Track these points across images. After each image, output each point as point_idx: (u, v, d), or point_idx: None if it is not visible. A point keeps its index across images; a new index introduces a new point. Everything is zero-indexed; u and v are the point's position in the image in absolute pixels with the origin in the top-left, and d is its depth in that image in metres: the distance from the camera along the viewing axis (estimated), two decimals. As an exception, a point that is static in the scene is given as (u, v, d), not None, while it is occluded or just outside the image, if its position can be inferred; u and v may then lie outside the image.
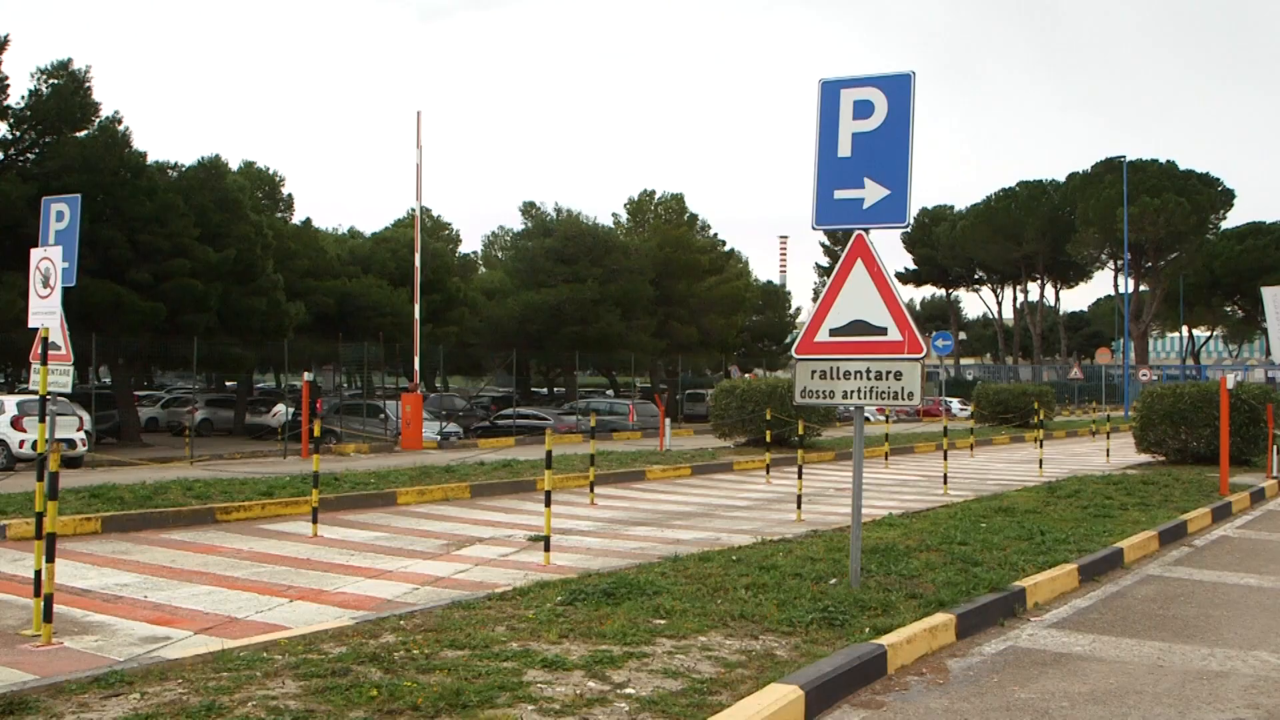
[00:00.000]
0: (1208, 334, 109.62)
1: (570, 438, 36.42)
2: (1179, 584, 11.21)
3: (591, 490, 18.42)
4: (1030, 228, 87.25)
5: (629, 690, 6.39)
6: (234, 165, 38.56)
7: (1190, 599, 10.42)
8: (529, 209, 53.55)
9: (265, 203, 41.11)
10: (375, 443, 33.27)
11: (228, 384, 52.59)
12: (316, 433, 15.29)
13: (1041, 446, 26.82)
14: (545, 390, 62.04)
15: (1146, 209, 73.06)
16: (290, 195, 43.45)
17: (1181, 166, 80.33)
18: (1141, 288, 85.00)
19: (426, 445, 32.90)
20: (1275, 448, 22.63)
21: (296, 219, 43.79)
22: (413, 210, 38.82)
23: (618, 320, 48.23)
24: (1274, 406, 23.89)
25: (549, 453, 12.42)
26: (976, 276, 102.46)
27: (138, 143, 41.08)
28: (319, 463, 14.73)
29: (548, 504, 12.23)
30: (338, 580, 10.96)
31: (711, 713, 5.99)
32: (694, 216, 59.24)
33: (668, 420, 32.92)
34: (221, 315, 33.48)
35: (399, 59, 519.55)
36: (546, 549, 12.07)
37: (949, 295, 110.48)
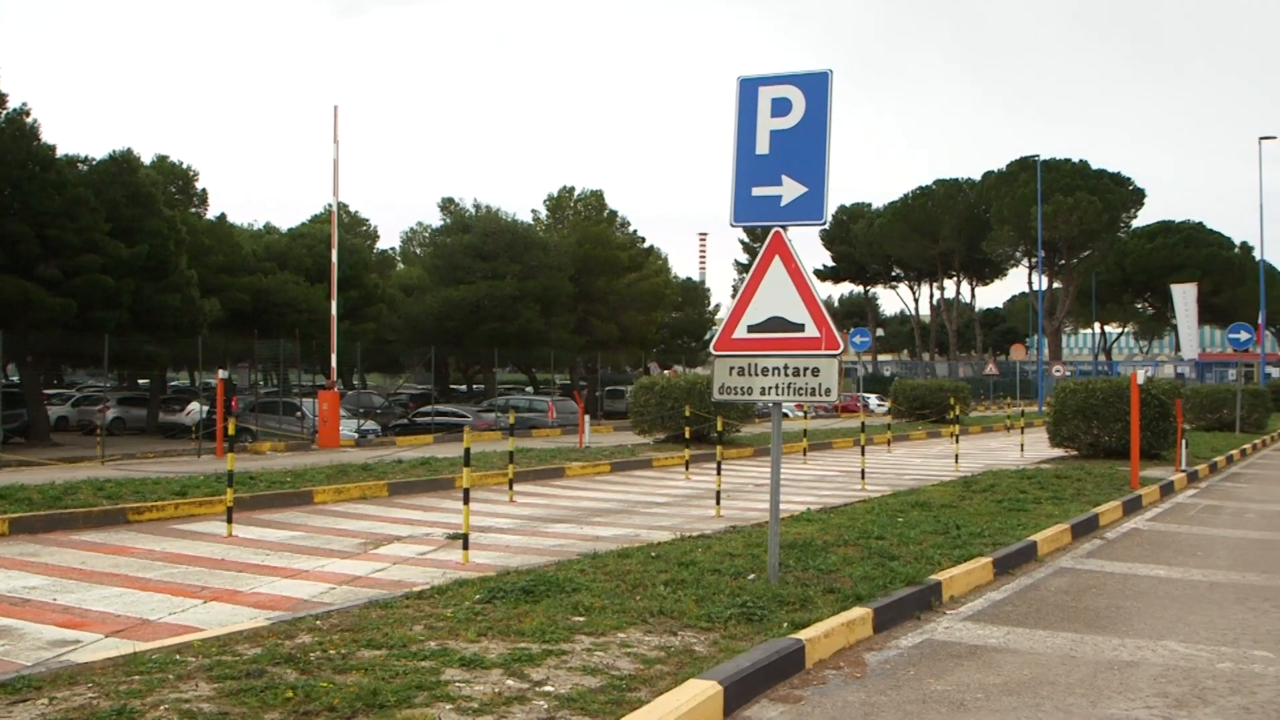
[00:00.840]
0: (1119, 330, 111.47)
1: (489, 435, 36.30)
2: (1091, 576, 11.39)
3: (511, 488, 18.36)
4: (947, 225, 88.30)
5: (548, 688, 6.37)
6: (147, 159, 37.85)
7: (1102, 591, 10.58)
8: (448, 205, 53.23)
9: (179, 198, 40.43)
10: (292, 441, 32.91)
11: (140, 382, 51.74)
12: (231, 431, 15.09)
13: (957, 442, 27.12)
14: (464, 387, 61.69)
15: (1060, 207, 74.26)
16: (204, 190, 42.66)
17: (1094, 166, 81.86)
18: (1055, 285, 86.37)
19: (344, 443, 32.62)
20: (1184, 442, 23.06)
21: (211, 214, 43.11)
22: (330, 206, 38.51)
23: (537, 317, 48.11)
24: (1183, 402, 24.34)
25: (467, 450, 12.36)
26: (894, 274, 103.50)
27: (47, 135, 40.42)
28: (234, 461, 14.54)
29: (466, 502, 12.17)
30: (253, 580, 10.83)
31: (630, 709, 5.98)
32: (614, 213, 59.26)
33: (587, 417, 32.89)
34: (134, 312, 32.88)
35: (315, 54, 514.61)
36: (465, 547, 12.00)
37: (867, 292, 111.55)
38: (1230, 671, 7.61)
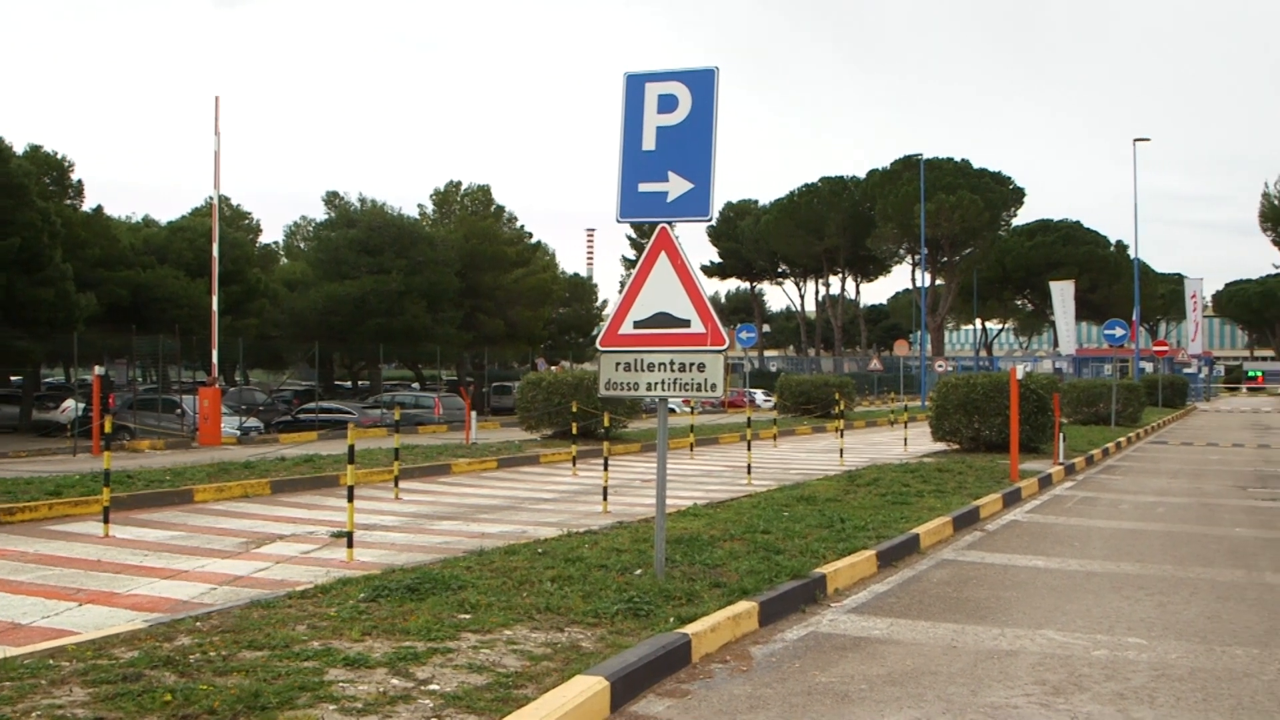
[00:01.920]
0: (1000, 326, 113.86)
1: (375, 432, 35.97)
2: (972, 567, 11.59)
3: (396, 485, 18.19)
4: (832, 222, 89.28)
5: (433, 686, 6.32)
6: (19, 149, 36.80)
7: (982, 582, 10.78)
8: (332, 199, 52.57)
9: (53, 189, 39.29)
10: (172, 439, 32.25)
11: (13, 379, 50.37)
12: (108, 429, 14.76)
13: (842, 436, 27.41)
14: (349, 384, 60.93)
15: (943, 206, 75.56)
16: (80, 182, 41.46)
17: (975, 165, 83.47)
18: (938, 281, 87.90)
19: (226, 441, 32.08)
20: (1062, 436, 23.56)
21: (87, 206, 42.00)
22: (211, 199, 37.65)
23: (423, 312, 47.71)
24: (1060, 396, 24.88)
25: (351, 447, 12.21)
26: (780, 270, 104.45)
27: (-87, 125, 39.04)
28: (111, 460, 14.24)
29: (351, 499, 12.03)
30: (131, 582, 10.59)
31: (517, 706, 5.95)
32: (501, 208, 59.00)
33: (474, 413, 32.67)
34: (5, 306, 31.97)
35: (196, 44, 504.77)
36: (350, 545, 11.87)
37: (753, 288, 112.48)
38: (1105, 659, 7.79)
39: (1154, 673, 7.44)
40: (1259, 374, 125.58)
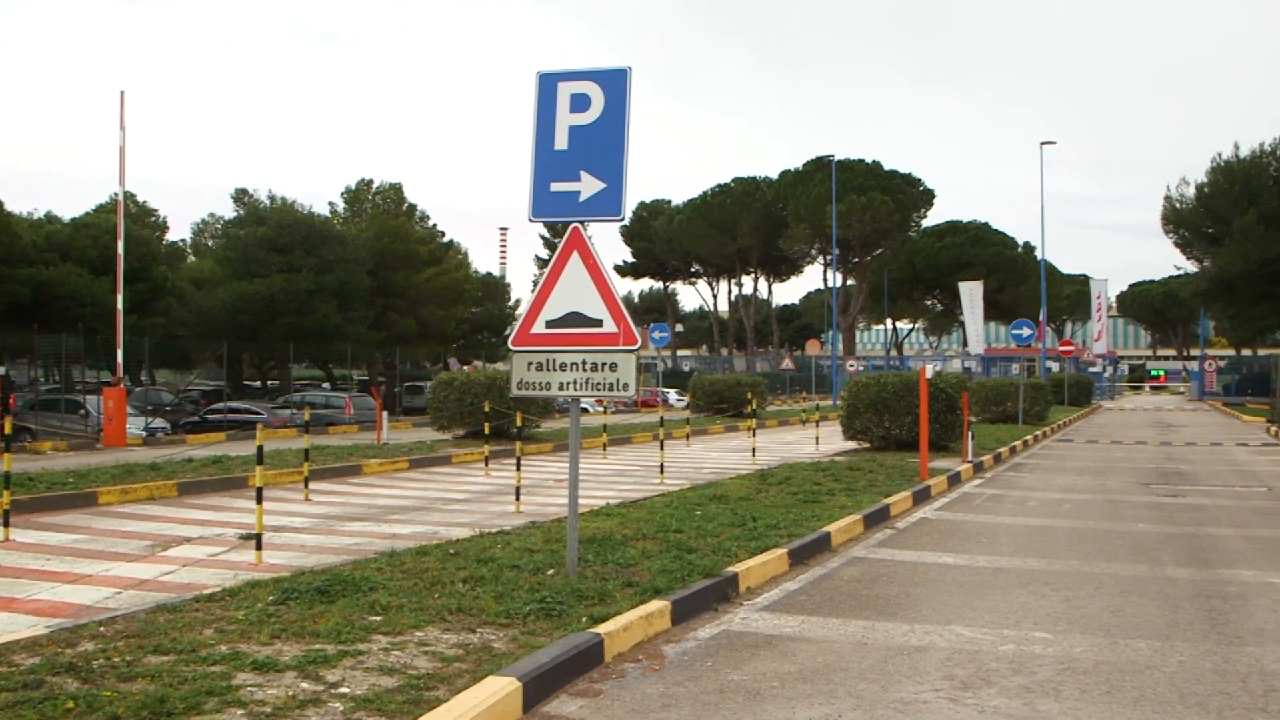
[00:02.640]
0: (910, 326, 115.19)
1: (285, 432, 35.57)
2: (882, 565, 11.70)
3: (306, 486, 18.01)
4: (745, 223, 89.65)
5: (343, 689, 6.26)
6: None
7: (892, 579, 10.88)
8: (241, 196, 51.90)
9: (-49, 186, 38.54)
10: (75, 440, 31.65)
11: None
12: (8, 430, 14.44)
13: (754, 435, 27.56)
14: (259, 384, 60.16)
15: (854, 206, 76.23)
16: (-22, 177, 40.78)
17: (886, 167, 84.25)
18: (850, 282, 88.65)
19: (131, 442, 31.54)
20: (971, 434, 23.87)
21: (-13, 203, 41.15)
22: (116, 195, 36.99)
23: (334, 311, 47.26)
24: (969, 395, 25.20)
25: (260, 448, 12.06)
26: (693, 270, 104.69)
27: None
28: (11, 462, 13.93)
29: (259, 501, 11.88)
30: (31, 587, 10.37)
31: (428, 708, 5.92)
32: (413, 206, 58.65)
33: (385, 413, 32.45)
34: (-99, 306, 31.25)
35: (99, 37, 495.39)
36: (258, 547, 11.71)
37: (666, 288, 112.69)
38: (1012, 653, 7.91)
39: (1059, 666, 7.56)
40: (1161, 373, 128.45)
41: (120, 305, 33.61)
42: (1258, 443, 34.38)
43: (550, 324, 9.56)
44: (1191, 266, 70.01)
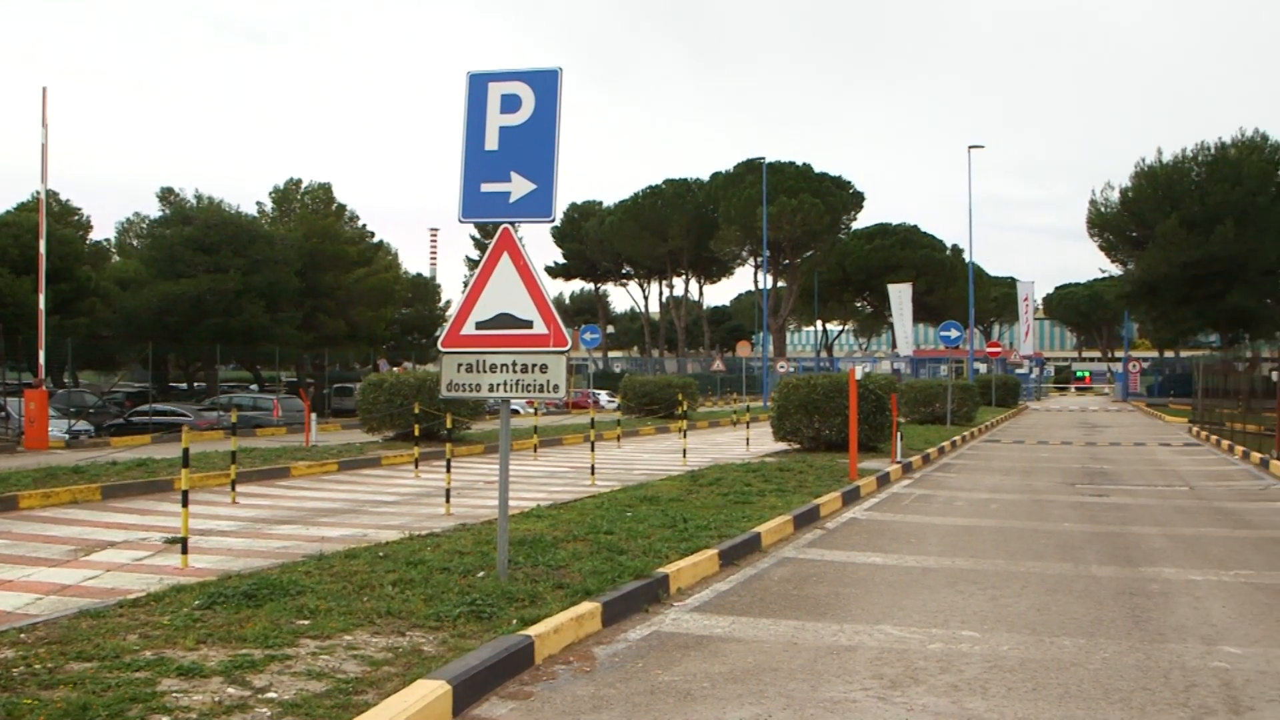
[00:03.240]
0: (840, 328, 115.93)
1: (211, 434, 35.18)
2: (812, 565, 11.77)
3: (233, 489, 17.80)
4: (676, 224, 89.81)
5: (271, 694, 6.21)
6: None
7: (822, 579, 10.95)
8: (167, 195, 51.20)
9: None
10: (-4, 443, 31.12)
11: None
12: (-73, 433, 14.19)
13: (685, 437, 27.63)
14: (185, 385, 59.39)
15: (785, 209, 76.64)
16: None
17: (817, 169, 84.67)
18: (780, 284, 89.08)
19: (54, 445, 31.03)
20: (900, 435, 24.07)
21: (-96, 202, 40.43)
22: (38, 193, 36.37)
23: (262, 312, 46.79)
24: (898, 396, 25.41)
25: (186, 450, 11.90)
26: (624, 271, 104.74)
27: None
28: (-70, 465, 13.68)
29: (185, 504, 11.73)
30: (-49, 592, 10.19)
31: (357, 713, 5.88)
32: (342, 206, 58.13)
33: (314, 415, 32.14)
34: None
35: (21, 32, 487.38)
36: (184, 551, 11.56)
37: (598, 289, 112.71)
38: (940, 652, 7.98)
39: (987, 664, 7.65)
40: (1086, 374, 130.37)
41: (43, 305, 33.03)
42: (1180, 443, 34.96)
43: (480, 325, 9.53)
44: (1116, 269, 71.00)
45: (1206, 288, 59.49)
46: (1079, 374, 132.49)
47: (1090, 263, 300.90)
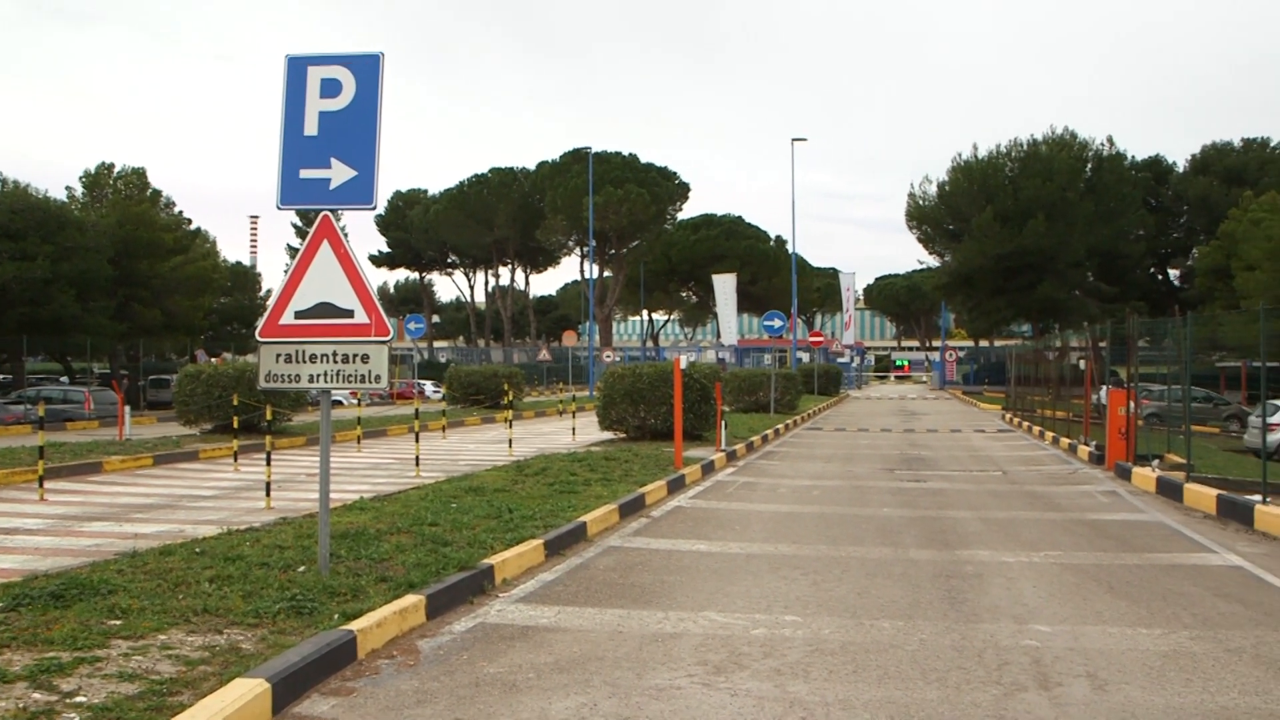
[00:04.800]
0: (666, 318, 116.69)
1: (18, 429, 33.98)
2: (637, 553, 11.83)
3: (41, 485, 17.15)
4: (502, 213, 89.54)
5: (80, 699, 5.99)
6: None
7: (647, 567, 11.01)
8: (-32, 180, 49.17)
9: None
10: None
11: None
12: None
13: (511, 427, 27.52)
14: (-10, 377, 57.24)
15: (611, 199, 76.86)
16: None
17: (643, 160, 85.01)
18: (606, 273, 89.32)
19: None
20: (724, 423, 24.34)
21: None
22: None
23: (73, 302, 45.18)
24: (722, 385, 25.69)
25: (-10, 446, 11.44)
26: (450, 260, 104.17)
27: None
28: None
29: (-11, 501, 11.28)
30: None
31: (172, 714, 5.72)
32: (158, 192, 56.39)
33: (128, 408, 31.21)
34: None
35: None
36: (-12, 550, 11.12)
37: (423, 278, 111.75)
38: (764, 637, 8.09)
39: (809, 648, 7.77)
40: (905, 363, 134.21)
41: None
42: (994, 429, 36.12)
43: (300, 314, 9.34)
44: (934, 261, 72.98)
45: (1019, 279, 61.50)
46: (899, 363, 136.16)
47: (909, 254, 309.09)
